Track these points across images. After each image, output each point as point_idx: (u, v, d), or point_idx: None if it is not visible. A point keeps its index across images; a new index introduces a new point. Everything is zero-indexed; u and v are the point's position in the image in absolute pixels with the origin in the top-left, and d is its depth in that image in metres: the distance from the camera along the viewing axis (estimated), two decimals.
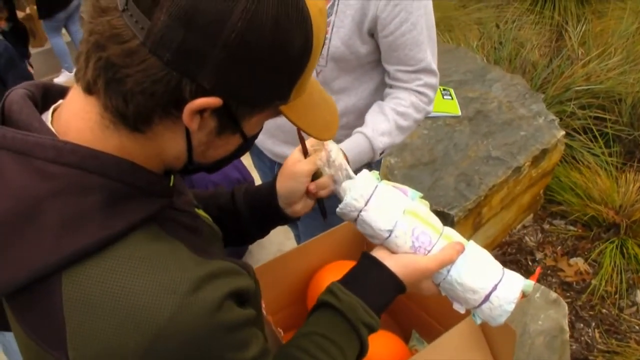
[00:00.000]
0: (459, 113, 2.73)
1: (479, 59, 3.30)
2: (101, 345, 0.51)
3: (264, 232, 1.03)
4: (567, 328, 1.65)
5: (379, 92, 1.47)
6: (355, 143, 1.28)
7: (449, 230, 0.85)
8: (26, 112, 0.58)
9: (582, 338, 2.30)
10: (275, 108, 0.63)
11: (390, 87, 1.40)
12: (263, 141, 1.58)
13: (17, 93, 0.60)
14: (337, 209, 0.86)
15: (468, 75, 3.08)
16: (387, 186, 0.86)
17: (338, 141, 1.51)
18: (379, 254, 0.83)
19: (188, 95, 0.54)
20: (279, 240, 2.79)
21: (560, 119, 3.14)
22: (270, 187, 0.96)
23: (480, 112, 2.74)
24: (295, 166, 0.93)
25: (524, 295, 0.82)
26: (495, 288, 0.80)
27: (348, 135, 1.53)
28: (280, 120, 1.44)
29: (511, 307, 0.81)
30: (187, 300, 0.53)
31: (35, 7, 4.98)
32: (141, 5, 0.51)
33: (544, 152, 2.53)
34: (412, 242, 0.81)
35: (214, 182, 2.27)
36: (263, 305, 1.09)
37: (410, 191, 0.86)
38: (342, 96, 1.42)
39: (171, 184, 0.68)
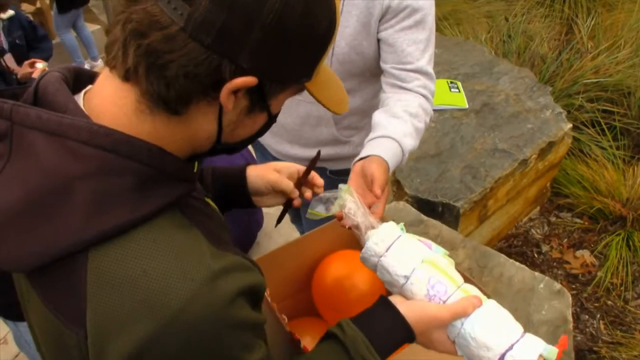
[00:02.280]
0: (466, 106, 2.74)
1: (486, 52, 3.30)
2: (116, 324, 0.53)
3: (224, 210, 1.07)
4: (570, 318, 1.66)
5: None
6: (386, 147, 1.17)
7: (468, 285, 0.84)
8: (62, 95, 0.60)
9: (587, 329, 2.31)
10: (300, 85, 0.67)
11: (389, 86, 1.33)
12: (267, 139, 1.60)
13: (53, 75, 0.62)
14: (360, 255, 0.88)
15: (475, 68, 3.09)
16: (411, 238, 0.86)
17: (344, 142, 1.54)
18: (394, 299, 0.84)
19: (228, 75, 0.57)
20: (287, 232, 2.83)
21: (568, 112, 3.14)
22: (241, 172, 1.02)
23: (487, 104, 2.74)
24: (277, 177, 1.00)
25: None
26: (511, 347, 0.76)
27: (352, 136, 1.54)
28: (284, 119, 1.48)
29: None
30: (203, 289, 0.55)
31: (47, 1, 5.03)
32: None
33: (551, 145, 2.54)
34: (427, 290, 0.81)
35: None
36: (267, 293, 1.13)
37: (435, 246, 0.87)
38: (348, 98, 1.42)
39: (195, 170, 0.70)
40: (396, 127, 1.21)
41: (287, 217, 2.31)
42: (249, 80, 0.58)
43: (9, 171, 0.56)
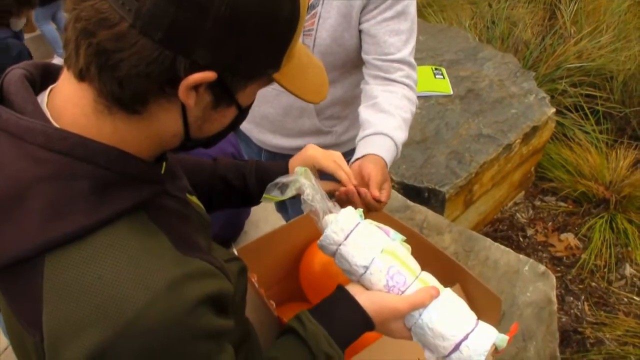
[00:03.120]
0: (451, 92, 2.74)
1: (470, 38, 3.31)
2: (70, 329, 0.52)
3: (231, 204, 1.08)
4: (555, 300, 1.68)
5: None
6: (380, 144, 1.17)
7: (426, 274, 0.85)
8: (22, 94, 0.58)
9: (572, 311, 2.35)
10: (268, 76, 0.64)
11: (372, 78, 1.32)
12: (250, 130, 1.59)
13: (15, 73, 0.60)
14: (318, 242, 0.86)
15: (460, 55, 3.10)
16: (370, 225, 0.86)
17: (327, 132, 1.52)
18: (353, 289, 0.84)
19: (183, 72, 0.54)
20: (274, 221, 2.83)
21: (552, 97, 3.17)
22: (284, 166, 1.02)
23: (471, 90, 2.76)
24: (334, 166, 0.99)
25: (496, 349, 0.79)
26: (466, 337, 0.78)
27: (334, 126, 1.53)
28: (266, 110, 1.48)
29: (481, 359, 0.77)
30: (160, 297, 0.53)
31: None
32: None
33: (535, 130, 2.56)
34: (386, 281, 0.81)
35: (210, 157, 2.30)
36: (255, 279, 1.13)
37: (393, 232, 0.87)
38: (329, 89, 1.41)
39: (162, 170, 0.68)
40: (385, 122, 1.21)
41: (272, 206, 2.31)
42: (206, 75, 0.55)
43: None
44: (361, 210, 0.88)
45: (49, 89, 0.62)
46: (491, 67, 2.95)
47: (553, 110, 2.66)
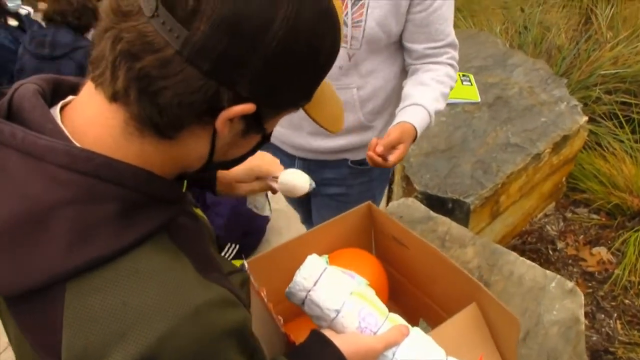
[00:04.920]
0: (479, 99, 2.67)
1: (500, 44, 3.22)
2: (92, 357, 0.50)
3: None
4: (582, 319, 1.60)
5: (403, 75, 1.49)
6: (414, 113, 1.34)
7: (394, 315, 0.88)
8: (39, 112, 0.56)
9: (603, 329, 2.25)
10: (298, 108, 0.64)
11: (415, 65, 1.43)
12: (286, 135, 1.57)
13: (28, 89, 0.58)
14: (286, 290, 0.89)
15: (489, 61, 3.02)
16: (335, 269, 0.89)
17: (368, 127, 1.54)
18: (327, 332, 0.83)
19: (225, 103, 0.54)
20: (298, 229, 2.81)
21: (585, 105, 3.06)
22: None
23: (500, 98, 2.68)
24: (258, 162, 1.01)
25: None
26: None
27: (374, 120, 1.54)
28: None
29: None
30: (184, 324, 0.52)
31: None
32: (177, 14, 0.49)
33: (565, 139, 2.46)
34: (358, 323, 0.83)
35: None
36: (264, 293, 1.10)
37: (357, 276, 0.90)
38: (370, 79, 1.43)
39: (183, 189, 0.67)
40: (423, 93, 1.36)
41: (296, 214, 2.28)
42: (247, 107, 0.55)
43: None
44: (326, 256, 0.93)
45: (60, 104, 0.60)
46: (521, 74, 2.87)
47: (585, 118, 2.56)
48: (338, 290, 0.85)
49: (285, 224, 2.73)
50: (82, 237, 0.51)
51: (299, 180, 0.99)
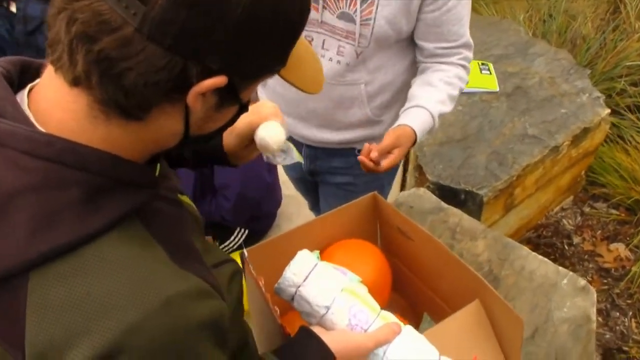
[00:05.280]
0: (497, 89, 2.61)
1: (522, 32, 3.13)
2: (56, 350, 0.48)
3: (198, 165, 1.03)
4: (594, 317, 1.56)
5: (413, 69, 1.44)
6: (415, 115, 1.30)
7: (386, 312, 0.86)
8: (1, 95, 0.54)
9: (617, 327, 2.19)
10: (273, 73, 0.62)
11: (425, 63, 1.38)
12: (293, 125, 1.54)
13: None
14: (275, 285, 0.87)
15: (510, 49, 2.94)
16: (327, 265, 0.87)
17: (377, 122, 1.50)
18: (316, 329, 0.82)
19: (194, 78, 0.51)
20: (307, 214, 2.79)
21: (609, 96, 2.97)
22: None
23: (519, 87, 2.61)
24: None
25: None
26: None
27: (383, 114, 1.51)
28: (314, 104, 1.44)
29: None
30: (153, 316, 0.50)
31: None
32: None
33: (586, 131, 2.39)
34: (348, 320, 0.81)
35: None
36: (262, 282, 1.08)
37: (350, 273, 0.88)
38: (378, 74, 1.39)
39: (157, 173, 0.65)
40: (429, 95, 1.32)
41: (305, 202, 2.26)
42: (218, 80, 0.52)
43: None
44: (317, 252, 0.90)
45: (27, 87, 0.58)
46: (542, 64, 2.78)
47: (607, 111, 2.48)
48: (328, 286, 0.83)
49: (295, 210, 2.72)
50: (46, 224, 0.49)
51: (271, 139, 0.88)
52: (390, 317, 0.84)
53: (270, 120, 0.88)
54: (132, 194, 0.56)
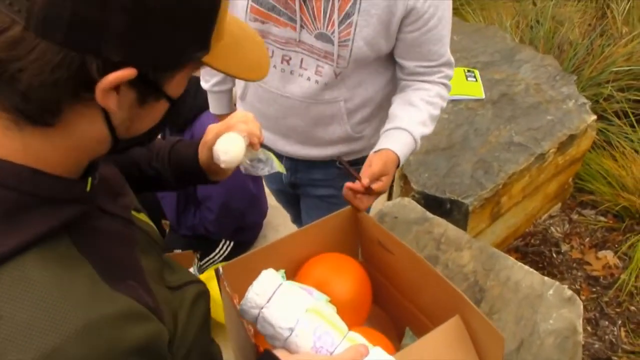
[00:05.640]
0: (483, 96, 2.59)
1: (509, 39, 3.13)
2: None
3: (180, 186, 1.01)
4: (580, 329, 1.53)
5: (393, 82, 1.42)
6: (397, 138, 1.28)
7: (353, 333, 0.83)
8: None
9: (606, 336, 2.17)
10: (197, 61, 0.57)
11: (406, 81, 1.36)
12: (274, 141, 1.51)
13: None
14: (239, 307, 0.84)
15: (496, 56, 2.93)
16: (292, 285, 0.84)
17: (357, 138, 1.48)
18: (280, 353, 0.78)
19: (96, 73, 0.47)
20: (294, 226, 2.76)
21: (596, 102, 2.96)
22: (194, 150, 0.93)
23: (505, 95, 2.59)
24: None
25: None
26: None
27: (364, 130, 1.49)
28: (294, 122, 1.42)
29: None
30: (70, 343, 0.46)
31: None
32: None
33: (572, 138, 2.38)
34: (313, 342, 0.78)
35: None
36: (236, 301, 1.05)
37: (316, 292, 0.85)
38: (359, 90, 1.36)
39: (89, 186, 0.61)
40: (411, 116, 1.29)
41: (287, 215, 2.23)
42: (125, 73, 0.48)
43: None
44: (283, 271, 0.87)
45: None
46: (529, 70, 2.77)
47: (594, 117, 2.47)
48: (292, 307, 0.79)
49: (282, 220, 2.68)
50: None
51: (225, 153, 0.83)
52: (357, 339, 0.81)
53: (231, 132, 0.85)
54: (57, 210, 0.52)
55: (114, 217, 0.62)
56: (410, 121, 1.28)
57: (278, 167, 0.96)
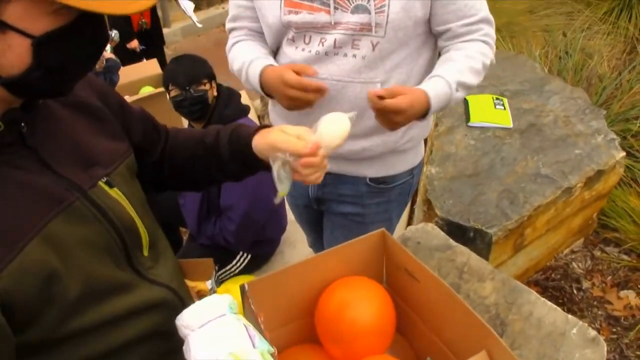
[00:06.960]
0: (511, 125, 2.57)
1: (538, 68, 3.11)
2: None
3: (241, 174, 1.02)
4: None
5: (430, 69, 1.41)
6: (430, 82, 1.28)
7: None
8: None
9: None
10: None
11: (447, 47, 1.36)
12: None
13: None
14: (175, 320, 0.78)
15: (525, 85, 2.91)
16: (237, 321, 0.77)
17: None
18: None
19: None
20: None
21: (624, 138, 2.93)
22: (249, 135, 0.96)
23: (533, 125, 2.57)
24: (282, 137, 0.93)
25: None
26: None
27: None
28: (326, 112, 1.41)
29: None
30: None
31: None
32: None
33: (600, 174, 2.34)
34: None
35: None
36: (262, 319, 1.03)
37: (259, 339, 0.77)
38: (394, 73, 1.37)
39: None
40: (448, 67, 1.30)
41: (305, 238, 2.21)
42: None
43: None
44: (236, 302, 0.82)
45: None
46: (558, 102, 2.75)
47: (623, 154, 2.43)
48: (218, 344, 0.72)
49: (300, 237, 2.67)
50: None
51: (333, 134, 0.90)
52: None
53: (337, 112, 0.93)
54: None
55: (60, 177, 0.61)
56: (444, 70, 1.29)
57: (284, 190, 0.97)
